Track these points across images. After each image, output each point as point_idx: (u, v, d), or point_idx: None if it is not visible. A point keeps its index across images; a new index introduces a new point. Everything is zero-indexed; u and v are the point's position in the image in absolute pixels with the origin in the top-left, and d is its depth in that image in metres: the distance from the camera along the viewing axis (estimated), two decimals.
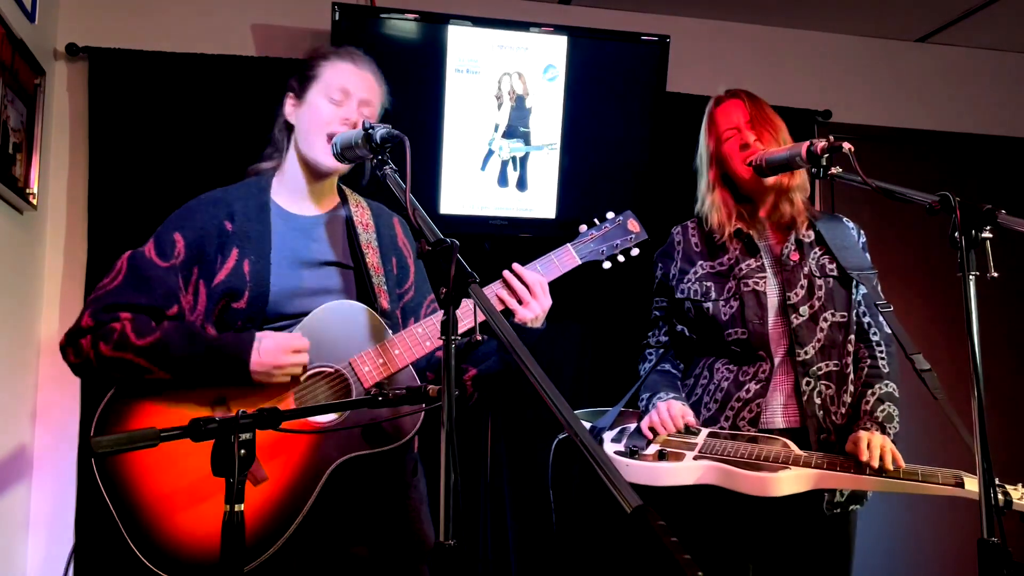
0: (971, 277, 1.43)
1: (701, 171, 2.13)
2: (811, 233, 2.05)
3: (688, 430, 1.92)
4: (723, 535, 1.94)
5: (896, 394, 1.98)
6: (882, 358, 2.01)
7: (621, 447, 1.90)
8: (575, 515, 3.12)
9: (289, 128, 1.75)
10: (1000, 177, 3.88)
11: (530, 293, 1.68)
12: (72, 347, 1.58)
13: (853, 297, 2.02)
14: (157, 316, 1.60)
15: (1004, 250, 1.50)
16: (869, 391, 1.97)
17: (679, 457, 1.84)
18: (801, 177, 2.04)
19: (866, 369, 2.01)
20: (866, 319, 2.05)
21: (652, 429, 1.93)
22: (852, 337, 2.02)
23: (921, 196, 1.58)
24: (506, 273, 1.70)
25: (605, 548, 3.10)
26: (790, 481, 1.77)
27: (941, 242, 1.54)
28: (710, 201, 2.07)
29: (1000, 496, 1.72)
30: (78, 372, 1.62)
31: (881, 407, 1.93)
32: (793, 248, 2.01)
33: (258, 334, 1.56)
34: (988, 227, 1.44)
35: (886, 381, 1.98)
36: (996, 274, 1.42)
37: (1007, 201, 1.65)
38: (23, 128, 2.62)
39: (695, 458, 1.83)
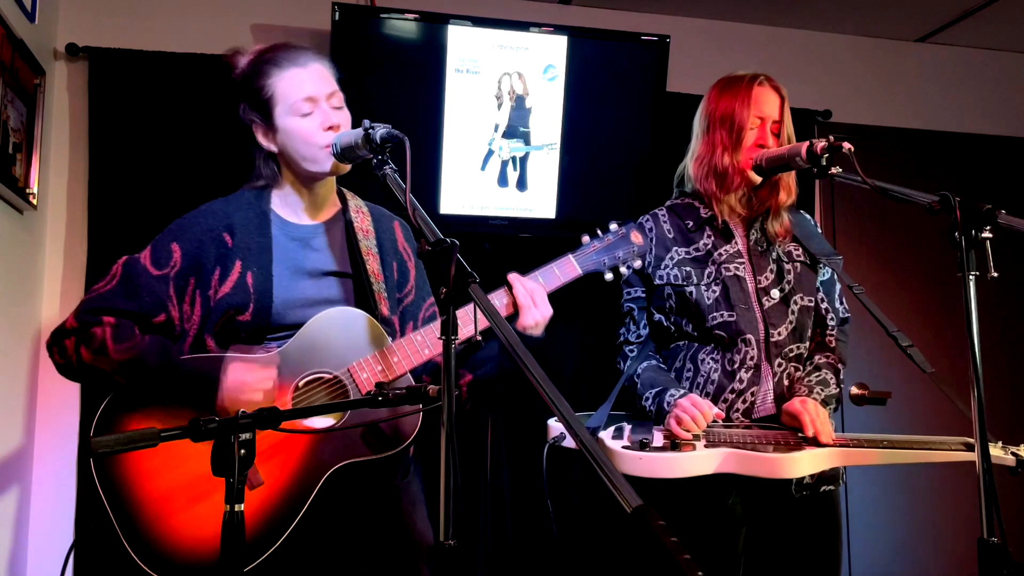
0: (971, 277, 1.43)
1: (703, 130, 2.06)
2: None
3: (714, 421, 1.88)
4: (713, 509, 1.92)
5: (837, 365, 2.00)
6: (831, 334, 2.05)
7: (626, 442, 1.88)
8: (576, 518, 3.12)
9: (273, 155, 1.73)
10: (1000, 177, 3.88)
11: (531, 300, 1.67)
12: (57, 347, 1.59)
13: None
14: (143, 323, 1.60)
15: (1004, 250, 1.50)
16: (808, 362, 2.01)
17: (691, 446, 1.82)
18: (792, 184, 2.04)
19: (813, 346, 2.04)
20: (824, 304, 2.07)
21: (678, 427, 1.84)
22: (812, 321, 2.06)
23: (921, 196, 1.58)
24: (511, 276, 1.69)
25: (606, 549, 3.10)
26: (807, 461, 1.76)
27: (941, 242, 1.54)
28: (730, 166, 1.98)
29: (1011, 457, 1.72)
30: (63, 372, 1.61)
31: (817, 373, 1.96)
32: (761, 234, 2.04)
33: (226, 356, 1.56)
34: (988, 227, 1.44)
35: (827, 353, 2.02)
36: (996, 274, 1.42)
37: (1007, 201, 1.65)
38: (23, 128, 2.62)
39: (706, 446, 1.82)
